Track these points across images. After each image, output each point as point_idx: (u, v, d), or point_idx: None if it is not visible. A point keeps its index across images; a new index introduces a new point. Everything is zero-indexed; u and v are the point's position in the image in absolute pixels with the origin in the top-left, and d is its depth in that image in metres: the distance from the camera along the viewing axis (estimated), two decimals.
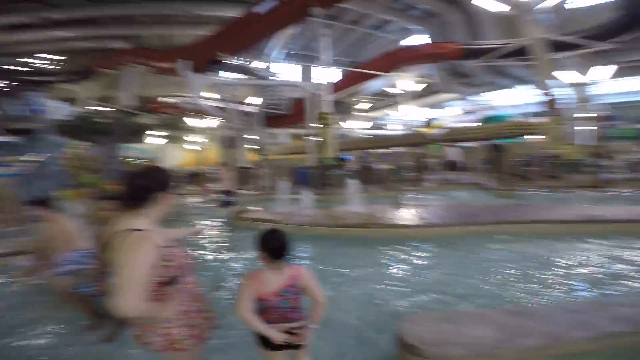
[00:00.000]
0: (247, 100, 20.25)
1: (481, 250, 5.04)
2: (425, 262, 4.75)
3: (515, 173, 12.76)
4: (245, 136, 18.78)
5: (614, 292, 3.48)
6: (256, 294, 1.74)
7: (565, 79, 19.80)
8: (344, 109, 25.42)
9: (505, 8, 14.60)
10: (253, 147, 19.89)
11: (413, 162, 18.01)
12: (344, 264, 4.64)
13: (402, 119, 28.15)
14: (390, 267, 4.54)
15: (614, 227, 5.57)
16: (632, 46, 19.91)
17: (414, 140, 21.45)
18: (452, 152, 17.29)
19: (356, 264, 4.66)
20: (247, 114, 18.78)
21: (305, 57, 26.97)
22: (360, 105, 32.13)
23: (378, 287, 3.85)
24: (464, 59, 18.79)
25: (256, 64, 21.39)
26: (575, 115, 20.03)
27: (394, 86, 22.81)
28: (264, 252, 1.74)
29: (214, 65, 15.79)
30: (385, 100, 33.53)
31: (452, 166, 17.50)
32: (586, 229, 5.58)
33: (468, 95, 30.33)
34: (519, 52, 16.45)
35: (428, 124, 32.29)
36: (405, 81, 21.85)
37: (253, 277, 1.76)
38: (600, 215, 6.00)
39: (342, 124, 26.18)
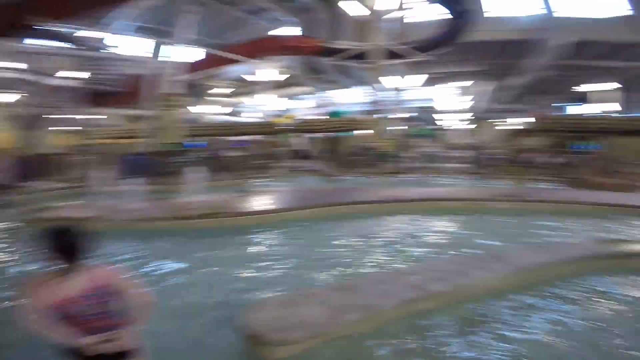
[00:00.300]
0: (66, 74, 15.90)
1: (317, 230, 5.67)
2: (269, 247, 4.97)
3: (346, 162, 14.81)
4: (56, 116, 14.78)
5: (408, 262, 4.39)
6: (51, 303, 1.45)
7: (390, 84, 23.95)
8: (199, 91, 23.45)
9: (362, 13, 16.26)
10: (71, 129, 15.96)
11: (265, 150, 18.33)
12: (183, 258, 4.35)
13: (260, 107, 28.40)
14: (234, 257, 4.53)
15: (411, 205, 7.15)
16: (441, 60, 25.80)
17: (268, 129, 21.76)
18: (300, 142, 18.61)
19: (198, 257, 4.44)
20: (61, 89, 14.75)
21: (163, 32, 23.43)
22: (220, 90, 30.60)
23: (222, 278, 3.81)
24: (321, 55, 20.02)
25: (89, 34, 17.05)
26: (391, 114, 24.71)
27: (256, 74, 22.75)
28: (55, 253, 1.45)
29: (22, 30, 11.71)
30: (246, 87, 33.56)
31: (298, 154, 18.77)
32: (391, 207, 7.00)
33: (319, 90, 33.10)
34: (362, 56, 18.60)
35: (282, 114, 33.69)
36: (268, 70, 22.07)
37: (41, 284, 1.47)
38: (402, 195, 7.63)
39: (195, 107, 24.19)
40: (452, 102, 33.20)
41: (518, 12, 22.31)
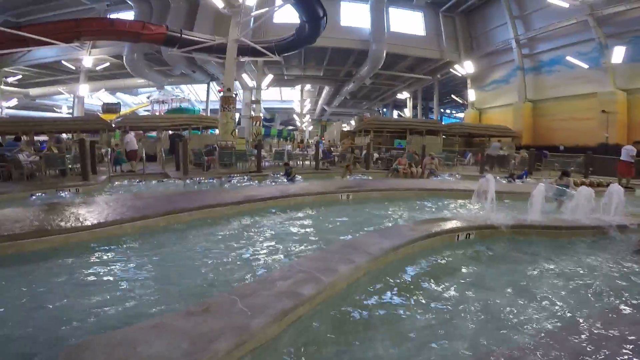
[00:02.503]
0: None
1: (157, 245, 4.76)
2: (102, 271, 3.86)
3: (197, 162, 13.57)
4: None
5: (275, 264, 4.15)
6: None
7: (243, 82, 23.33)
8: None
9: (220, 5, 15.04)
10: None
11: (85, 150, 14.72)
12: None
13: (78, 99, 24.27)
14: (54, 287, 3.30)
15: (271, 202, 7.09)
16: (287, 64, 26.31)
17: (92, 125, 18.61)
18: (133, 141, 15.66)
19: None
20: None
21: None
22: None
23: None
24: (167, 45, 17.73)
25: None
26: (245, 113, 24.39)
27: (76, 60, 18.61)
28: None
29: None
30: (58, 75, 27.81)
31: (135, 156, 15.82)
32: (250, 207, 6.74)
33: (164, 84, 29.71)
34: (217, 50, 17.32)
35: (114, 108, 29.13)
36: (90, 57, 18.23)
37: None
38: (258, 195, 7.41)
39: None
40: (302, 104, 35.81)
41: (361, 24, 24.81)
